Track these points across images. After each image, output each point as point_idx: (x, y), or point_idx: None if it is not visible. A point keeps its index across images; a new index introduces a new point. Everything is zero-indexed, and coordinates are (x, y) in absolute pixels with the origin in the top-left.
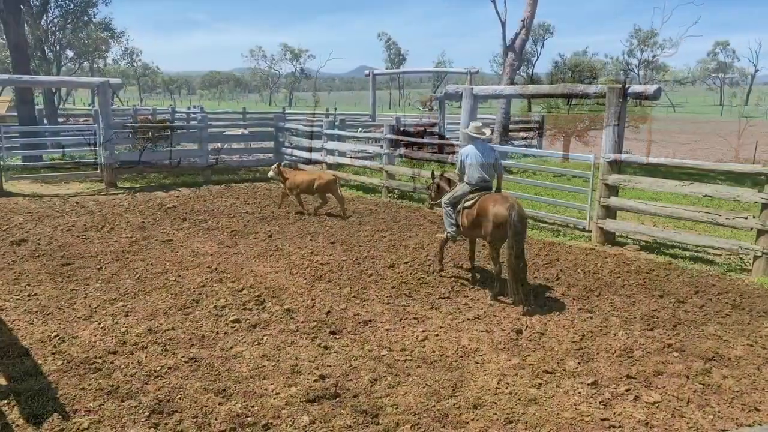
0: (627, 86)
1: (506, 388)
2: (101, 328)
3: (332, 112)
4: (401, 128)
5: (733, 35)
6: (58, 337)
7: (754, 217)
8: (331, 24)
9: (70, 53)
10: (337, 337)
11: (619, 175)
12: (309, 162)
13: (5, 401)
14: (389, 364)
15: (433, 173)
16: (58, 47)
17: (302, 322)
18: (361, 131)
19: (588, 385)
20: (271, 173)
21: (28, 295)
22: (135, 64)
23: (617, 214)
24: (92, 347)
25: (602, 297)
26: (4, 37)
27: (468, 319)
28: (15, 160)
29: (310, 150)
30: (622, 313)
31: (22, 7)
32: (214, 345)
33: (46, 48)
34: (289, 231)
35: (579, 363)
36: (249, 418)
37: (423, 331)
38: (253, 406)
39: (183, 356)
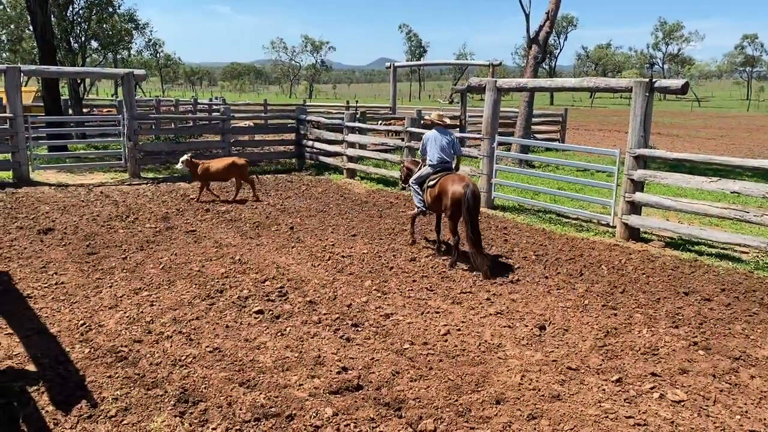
0: (654, 80)
1: (529, 383)
2: (127, 317)
3: (353, 105)
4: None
5: (762, 29)
6: (84, 325)
7: None
8: (353, 15)
9: (94, 44)
10: (359, 329)
11: (644, 171)
12: (329, 154)
13: (35, 387)
14: (411, 357)
15: (403, 161)
16: (83, 38)
17: (324, 314)
18: (381, 124)
19: (612, 382)
20: (180, 165)
21: (56, 283)
22: (158, 55)
23: (642, 209)
24: (118, 336)
25: (626, 293)
26: (32, 28)
27: (490, 314)
28: (41, 150)
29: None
30: (646, 310)
31: None
32: (237, 335)
33: (71, 39)
34: (310, 223)
35: (603, 360)
36: (273, 409)
37: (445, 325)
38: (276, 397)
39: (207, 346)
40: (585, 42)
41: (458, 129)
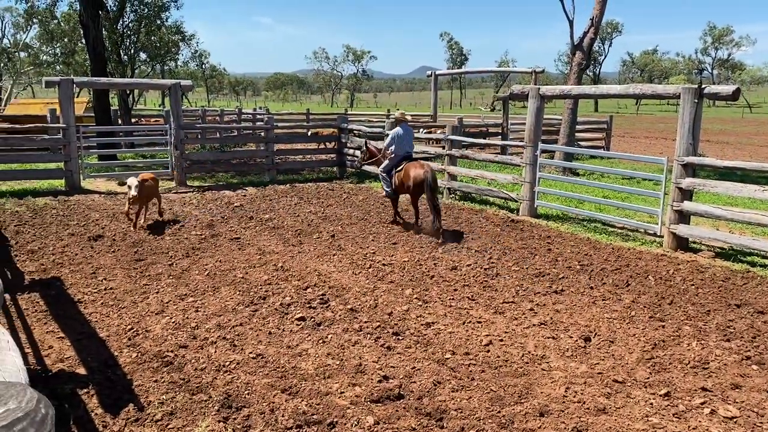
0: (703, 86)
1: (574, 396)
2: (173, 322)
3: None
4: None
5: None
6: (132, 330)
7: None
8: (394, 24)
9: (143, 56)
10: (400, 338)
11: (693, 179)
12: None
13: (85, 390)
14: (453, 367)
15: (366, 142)
16: (132, 50)
17: (365, 322)
18: (422, 132)
19: (660, 396)
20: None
21: (105, 289)
22: (203, 66)
23: (691, 218)
24: (164, 341)
25: (675, 305)
26: (84, 41)
27: (534, 325)
28: (92, 159)
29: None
30: (696, 323)
31: (100, 12)
32: (280, 342)
33: (121, 51)
34: (351, 231)
35: (651, 373)
36: (314, 416)
37: (487, 335)
38: (318, 404)
39: (251, 352)
40: (630, 48)
41: (500, 137)
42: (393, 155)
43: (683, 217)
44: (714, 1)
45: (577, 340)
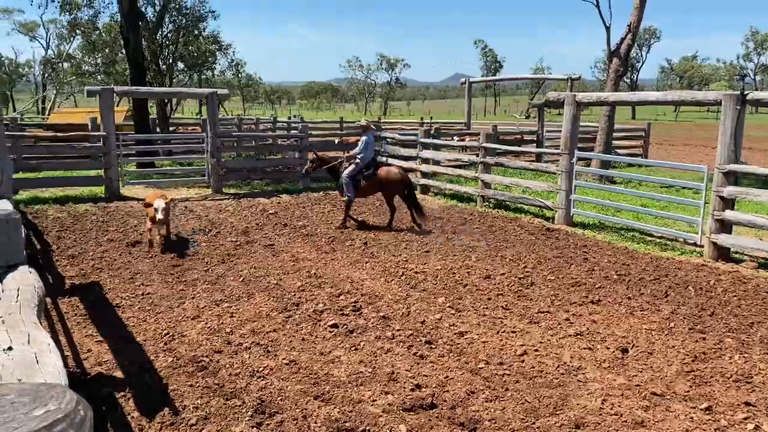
0: (745, 92)
1: (611, 408)
2: (208, 327)
3: (427, 121)
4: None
5: None
6: (168, 335)
7: None
8: (427, 32)
9: (181, 65)
10: (433, 347)
11: (735, 187)
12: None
13: (122, 394)
14: (486, 377)
15: (315, 152)
16: (171, 60)
17: (398, 330)
18: (454, 139)
19: (701, 410)
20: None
21: (142, 294)
22: (240, 75)
23: (732, 228)
24: (199, 346)
25: (716, 317)
26: (124, 51)
27: (569, 335)
28: (131, 166)
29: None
30: (738, 335)
31: (140, 23)
32: (313, 348)
33: (160, 61)
34: (383, 239)
35: (691, 386)
36: (347, 424)
37: (521, 345)
38: (351, 412)
39: (284, 358)
40: (669, 54)
41: (535, 144)
42: (359, 161)
43: (725, 226)
44: (756, 5)
45: (614, 352)
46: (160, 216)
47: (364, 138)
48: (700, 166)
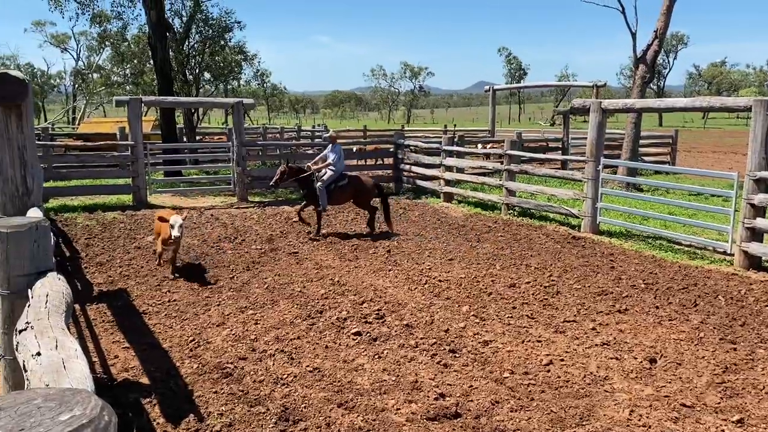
0: None
1: (639, 420)
2: (233, 334)
3: (450, 128)
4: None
5: None
6: (193, 341)
7: None
8: (451, 40)
9: (207, 75)
10: (457, 355)
11: (766, 195)
12: (426, 178)
13: (148, 400)
14: (511, 387)
15: (287, 162)
16: (197, 70)
17: (421, 339)
18: (479, 147)
19: (733, 422)
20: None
21: (168, 301)
22: (265, 85)
23: (764, 236)
24: (224, 352)
25: (747, 327)
26: (152, 62)
27: (596, 345)
28: (158, 174)
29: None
30: None
31: (167, 34)
32: (336, 356)
33: (187, 71)
34: (407, 246)
35: (722, 398)
36: None
37: (547, 354)
38: (374, 420)
39: (308, 365)
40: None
41: (561, 151)
42: (334, 170)
43: (756, 234)
44: None
45: (641, 362)
46: (176, 233)
47: (338, 148)
48: (730, 173)
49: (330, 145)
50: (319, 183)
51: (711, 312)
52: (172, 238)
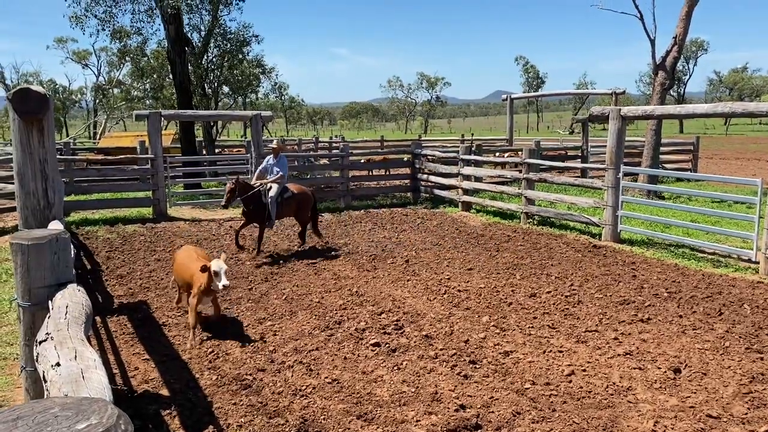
0: None
1: (664, 431)
2: (251, 346)
3: (467, 138)
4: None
5: None
6: (212, 353)
7: None
8: (468, 50)
9: (226, 89)
10: (477, 366)
11: None
12: (444, 188)
13: (168, 411)
14: (532, 398)
15: (237, 178)
16: (216, 84)
17: (441, 350)
18: (496, 155)
19: None
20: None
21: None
22: (283, 98)
23: None
24: (243, 364)
25: None
26: (171, 76)
27: (618, 355)
28: (178, 187)
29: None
30: None
31: (186, 49)
32: (355, 367)
33: (205, 85)
34: (425, 256)
35: (749, 408)
36: None
37: (569, 365)
38: None
39: (326, 377)
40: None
41: (580, 159)
42: (281, 183)
43: None
44: None
45: (665, 372)
46: (225, 282)
47: (284, 160)
48: (754, 180)
49: (270, 156)
50: (270, 197)
51: (736, 321)
52: (222, 287)
